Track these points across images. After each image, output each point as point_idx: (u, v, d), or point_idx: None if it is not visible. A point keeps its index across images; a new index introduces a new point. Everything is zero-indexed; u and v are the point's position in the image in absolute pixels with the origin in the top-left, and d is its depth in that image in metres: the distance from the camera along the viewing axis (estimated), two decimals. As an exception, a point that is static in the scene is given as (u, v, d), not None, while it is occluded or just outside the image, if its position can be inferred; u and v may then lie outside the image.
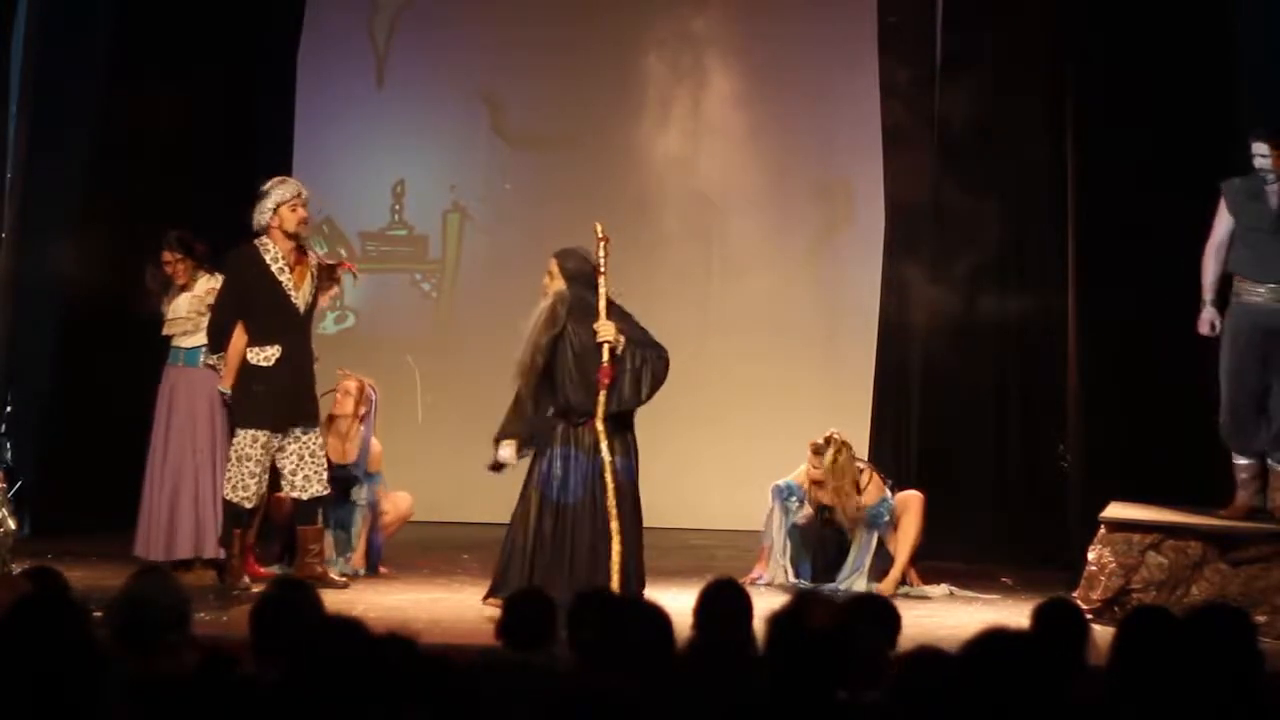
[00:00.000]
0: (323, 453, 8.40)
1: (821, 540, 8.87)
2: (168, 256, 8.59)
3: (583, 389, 7.78)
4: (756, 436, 10.69)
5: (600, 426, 7.74)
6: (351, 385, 8.95)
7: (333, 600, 7.22)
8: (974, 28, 9.99)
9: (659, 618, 4.30)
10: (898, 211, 10.28)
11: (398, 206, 11.46)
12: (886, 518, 8.79)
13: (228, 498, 8.27)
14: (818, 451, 8.79)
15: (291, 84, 10.89)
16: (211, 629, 6.56)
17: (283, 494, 8.48)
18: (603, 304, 7.79)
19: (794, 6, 11.14)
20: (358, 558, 8.83)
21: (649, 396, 7.83)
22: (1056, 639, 4.37)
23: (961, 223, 9.77)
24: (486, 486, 8.48)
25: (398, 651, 3.63)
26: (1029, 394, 9.96)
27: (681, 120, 10.30)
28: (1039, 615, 4.56)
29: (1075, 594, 7.86)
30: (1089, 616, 6.11)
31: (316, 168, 11.08)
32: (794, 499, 8.91)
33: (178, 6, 10.34)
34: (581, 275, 7.81)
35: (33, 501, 9.85)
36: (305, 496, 8.34)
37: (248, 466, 8.23)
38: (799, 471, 8.92)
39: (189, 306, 8.53)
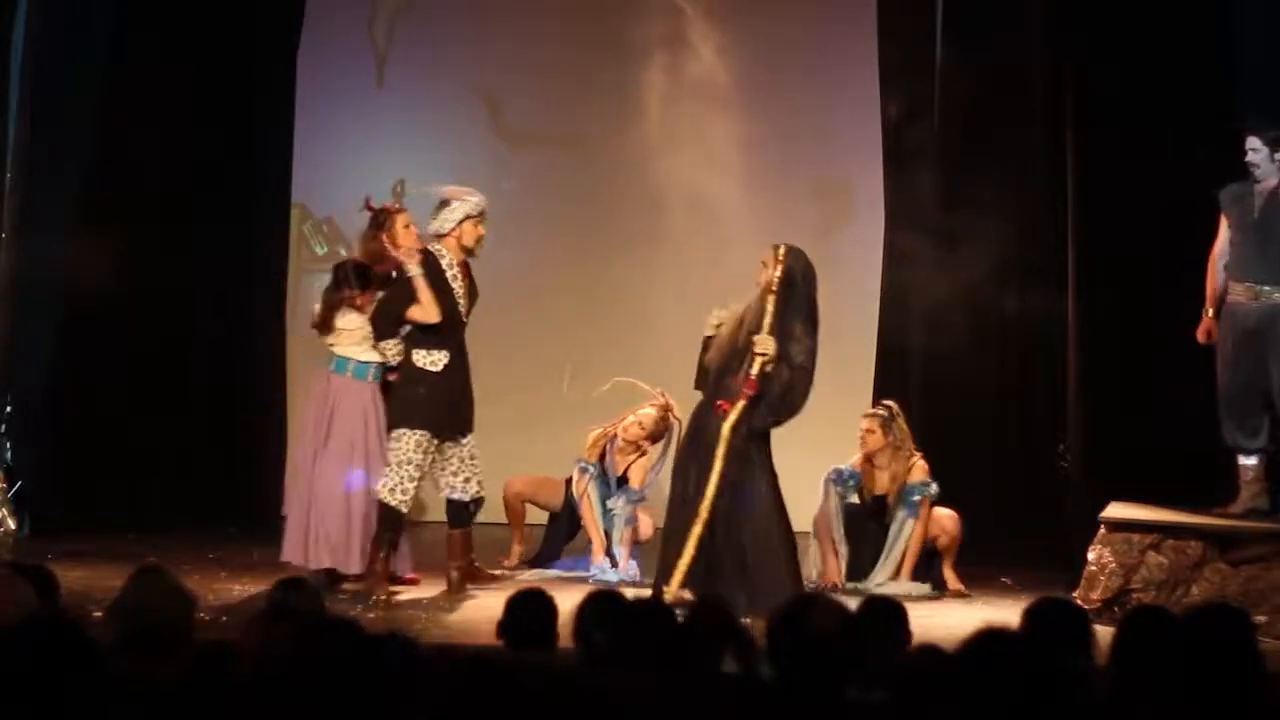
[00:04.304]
0: (478, 454, 8.36)
1: (866, 535, 8.85)
2: (349, 293, 8.34)
3: (717, 376, 7.83)
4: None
5: (727, 434, 7.74)
6: (648, 420, 8.98)
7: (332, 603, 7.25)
8: (974, 27, 10.00)
9: (666, 617, 4.30)
10: (897, 211, 10.29)
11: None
12: (916, 497, 8.77)
13: (385, 500, 8.15)
14: (875, 417, 8.79)
15: (291, 84, 10.89)
16: (212, 629, 6.56)
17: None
18: (768, 319, 7.79)
19: (794, 6, 11.14)
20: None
21: (780, 423, 7.90)
22: (1057, 640, 4.36)
23: (961, 223, 9.76)
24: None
25: (397, 651, 3.63)
26: (1029, 394, 9.96)
27: (681, 119, 10.28)
28: (1029, 615, 4.52)
29: (1075, 594, 7.86)
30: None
31: (316, 167, 11.09)
32: (851, 483, 8.87)
33: (177, 6, 10.35)
34: (794, 274, 7.93)
35: (33, 501, 9.85)
36: (467, 498, 8.35)
37: (408, 470, 8.17)
38: (854, 459, 8.91)
39: (361, 321, 8.35)
